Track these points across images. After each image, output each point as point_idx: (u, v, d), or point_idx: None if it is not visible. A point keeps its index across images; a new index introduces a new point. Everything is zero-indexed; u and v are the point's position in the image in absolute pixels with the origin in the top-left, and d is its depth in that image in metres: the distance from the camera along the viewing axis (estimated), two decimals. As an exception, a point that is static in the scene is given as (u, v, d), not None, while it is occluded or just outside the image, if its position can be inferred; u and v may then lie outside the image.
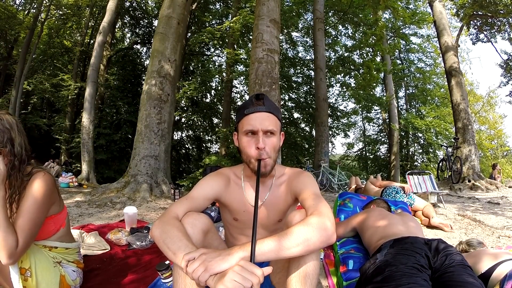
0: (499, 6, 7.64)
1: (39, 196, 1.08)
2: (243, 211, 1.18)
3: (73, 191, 5.30)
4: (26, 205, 1.05)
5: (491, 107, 20.98)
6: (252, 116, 1.07)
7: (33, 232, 1.07)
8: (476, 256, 1.47)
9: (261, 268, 0.74)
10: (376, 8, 8.00)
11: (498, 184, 7.12)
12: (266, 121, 1.07)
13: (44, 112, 15.90)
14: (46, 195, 1.11)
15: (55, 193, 1.20)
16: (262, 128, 1.06)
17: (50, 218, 1.22)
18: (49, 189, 1.12)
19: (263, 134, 1.06)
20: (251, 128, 1.06)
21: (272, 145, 1.08)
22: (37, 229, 1.09)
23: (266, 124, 1.06)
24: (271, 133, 1.07)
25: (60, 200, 1.28)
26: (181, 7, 5.38)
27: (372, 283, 1.18)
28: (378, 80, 12.85)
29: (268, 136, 1.07)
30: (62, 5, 12.79)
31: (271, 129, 1.07)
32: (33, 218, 1.06)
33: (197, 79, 11.64)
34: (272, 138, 1.08)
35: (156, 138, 4.80)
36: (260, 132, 1.06)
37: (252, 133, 1.07)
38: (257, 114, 1.07)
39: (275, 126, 1.08)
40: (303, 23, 14.32)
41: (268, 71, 4.15)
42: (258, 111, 1.07)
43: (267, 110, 1.07)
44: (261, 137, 1.05)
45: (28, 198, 1.07)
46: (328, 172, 7.51)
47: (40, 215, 1.10)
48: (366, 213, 1.83)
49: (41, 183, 1.10)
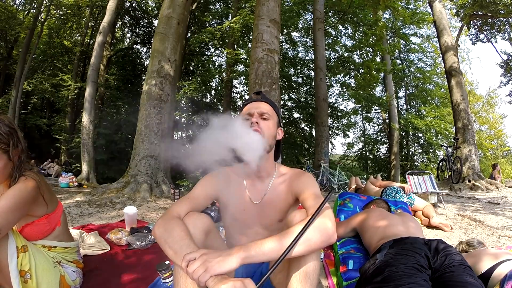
0: (499, 6, 7.64)
1: (13, 199, 1.07)
2: (243, 209, 1.18)
3: (73, 191, 5.29)
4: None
5: (491, 107, 20.98)
6: (250, 104, 1.18)
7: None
8: (476, 256, 1.47)
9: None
10: (376, 8, 8.01)
11: (498, 184, 7.12)
12: (262, 106, 1.16)
13: (44, 112, 15.90)
14: (23, 198, 1.10)
15: (37, 198, 1.18)
16: (257, 111, 1.14)
17: (44, 217, 1.22)
18: (27, 195, 1.11)
19: (258, 115, 1.14)
20: (247, 111, 1.15)
21: (266, 126, 1.13)
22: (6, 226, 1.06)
23: (261, 108, 1.15)
24: (265, 118, 1.14)
25: (53, 200, 1.27)
26: (181, 7, 5.38)
27: (372, 283, 1.18)
28: (378, 80, 12.85)
29: (263, 119, 1.14)
30: (62, 5, 12.78)
31: (266, 113, 1.15)
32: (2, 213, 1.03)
33: (197, 79, 11.65)
34: (266, 122, 1.14)
35: (156, 138, 4.80)
36: (256, 114, 1.14)
37: (249, 116, 1.15)
38: (254, 103, 1.18)
39: (270, 112, 1.16)
40: (303, 23, 14.33)
41: (268, 71, 4.14)
42: (255, 101, 1.19)
43: (263, 100, 1.19)
44: (256, 115, 1.14)
45: (3, 198, 1.06)
46: (328, 172, 7.52)
47: (11, 215, 1.06)
48: (366, 213, 1.83)
49: (20, 188, 1.11)
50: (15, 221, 1.09)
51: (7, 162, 1.14)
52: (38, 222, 1.21)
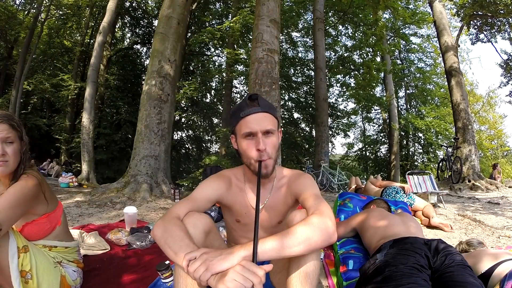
0: (499, 6, 7.64)
1: (15, 195, 1.08)
2: (245, 213, 1.18)
3: (73, 191, 5.29)
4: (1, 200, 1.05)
5: (491, 107, 20.98)
6: (249, 118, 1.05)
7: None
8: (476, 256, 1.47)
9: (262, 267, 0.73)
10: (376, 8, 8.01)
11: (498, 184, 7.12)
12: (264, 122, 1.05)
13: (44, 112, 15.90)
14: (24, 195, 1.10)
15: (39, 195, 1.18)
16: (260, 129, 1.04)
17: (45, 216, 1.23)
18: (28, 192, 1.12)
19: (262, 135, 1.05)
20: (249, 130, 1.04)
21: (272, 145, 1.07)
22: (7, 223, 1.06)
23: (264, 124, 1.05)
24: (270, 132, 1.06)
25: (53, 199, 1.28)
26: (181, 7, 5.38)
27: (372, 283, 1.18)
28: (378, 80, 12.87)
29: (267, 136, 1.06)
30: (62, 5, 12.79)
31: (270, 129, 1.05)
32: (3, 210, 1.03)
33: (197, 79, 11.66)
34: (271, 138, 1.07)
35: (156, 138, 4.80)
36: (259, 133, 1.04)
37: (251, 135, 1.05)
38: (254, 116, 1.05)
39: (273, 125, 1.07)
40: (303, 23, 14.33)
41: (268, 71, 4.15)
42: (254, 112, 1.05)
43: (263, 110, 1.06)
44: (261, 138, 1.04)
45: (5, 194, 1.07)
46: (328, 172, 7.52)
47: (12, 211, 1.06)
48: (366, 213, 1.83)
49: (22, 184, 1.12)
50: (16, 218, 1.09)
51: (19, 150, 1.17)
52: (38, 221, 1.21)
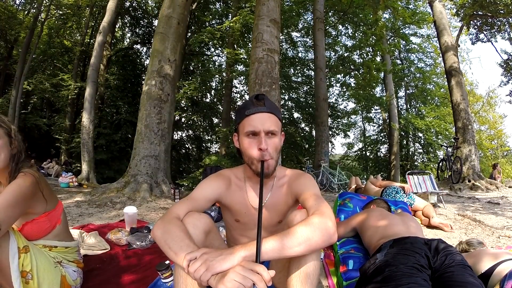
0: (499, 6, 7.64)
1: (13, 194, 1.07)
2: (244, 212, 1.18)
3: (73, 191, 5.29)
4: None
5: (491, 107, 21.00)
6: (253, 117, 1.05)
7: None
8: (476, 256, 1.47)
9: (263, 266, 0.73)
10: (376, 8, 8.01)
11: (498, 184, 7.12)
12: (268, 122, 1.05)
13: (44, 112, 15.91)
14: (22, 193, 1.10)
15: (37, 193, 1.18)
16: (264, 128, 1.04)
17: (44, 215, 1.22)
18: (26, 190, 1.11)
19: (265, 135, 1.05)
20: (252, 129, 1.05)
21: (274, 146, 1.07)
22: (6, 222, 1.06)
23: (267, 124, 1.05)
24: (272, 133, 1.06)
25: (52, 197, 1.27)
26: (181, 7, 5.38)
27: (372, 283, 1.18)
28: (378, 80, 12.87)
29: (270, 136, 1.06)
30: (62, 5, 12.78)
31: (273, 130, 1.05)
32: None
33: (197, 79, 11.65)
34: (274, 139, 1.07)
35: (156, 138, 4.80)
36: (262, 133, 1.04)
37: (254, 134, 1.06)
38: (258, 115, 1.05)
39: (276, 127, 1.07)
40: (303, 23, 14.33)
41: (268, 71, 4.15)
42: (259, 112, 1.05)
43: (268, 111, 1.06)
44: (263, 138, 1.04)
45: (3, 193, 1.06)
46: (328, 172, 7.52)
47: (11, 210, 1.06)
48: (366, 213, 1.83)
49: (19, 182, 1.11)
50: (15, 217, 1.09)
51: (6, 145, 1.16)
52: (38, 220, 1.21)
